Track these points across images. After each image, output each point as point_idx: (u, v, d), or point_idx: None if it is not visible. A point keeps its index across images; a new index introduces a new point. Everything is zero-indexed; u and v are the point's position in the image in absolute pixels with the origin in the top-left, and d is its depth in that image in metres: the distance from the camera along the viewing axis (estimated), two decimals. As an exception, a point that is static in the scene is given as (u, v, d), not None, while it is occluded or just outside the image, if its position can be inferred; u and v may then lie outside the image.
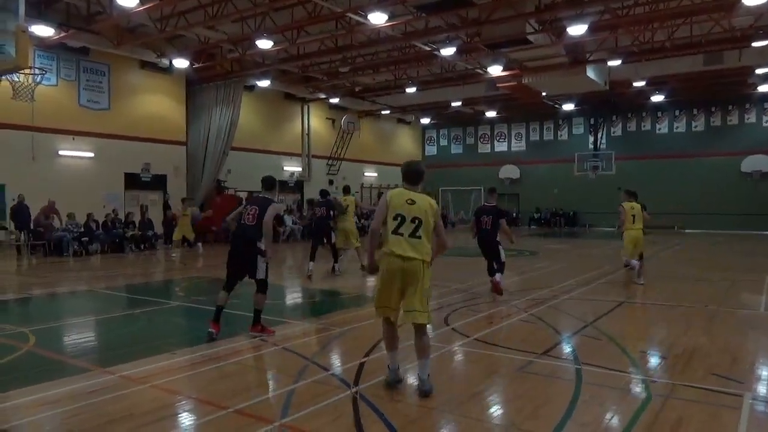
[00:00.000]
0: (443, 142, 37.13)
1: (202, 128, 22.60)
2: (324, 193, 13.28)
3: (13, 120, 16.93)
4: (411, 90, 25.31)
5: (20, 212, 16.12)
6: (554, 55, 19.92)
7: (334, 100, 27.41)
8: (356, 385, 4.62)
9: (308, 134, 28.16)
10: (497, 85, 23.24)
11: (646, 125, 30.77)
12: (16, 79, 15.65)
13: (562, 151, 32.33)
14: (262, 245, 6.09)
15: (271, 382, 5.02)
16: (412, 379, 4.79)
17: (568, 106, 28.89)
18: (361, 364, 5.19)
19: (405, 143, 35.89)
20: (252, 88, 23.77)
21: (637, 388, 4.66)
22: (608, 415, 4.06)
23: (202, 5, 15.90)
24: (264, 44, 17.46)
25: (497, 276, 8.99)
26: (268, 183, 6.62)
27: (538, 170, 33.01)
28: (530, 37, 17.23)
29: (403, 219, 4.43)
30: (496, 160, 34.39)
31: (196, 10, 16.28)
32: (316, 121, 28.79)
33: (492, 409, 4.30)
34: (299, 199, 27.32)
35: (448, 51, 18.37)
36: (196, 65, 20.54)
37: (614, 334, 6.45)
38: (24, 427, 3.83)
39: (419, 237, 4.43)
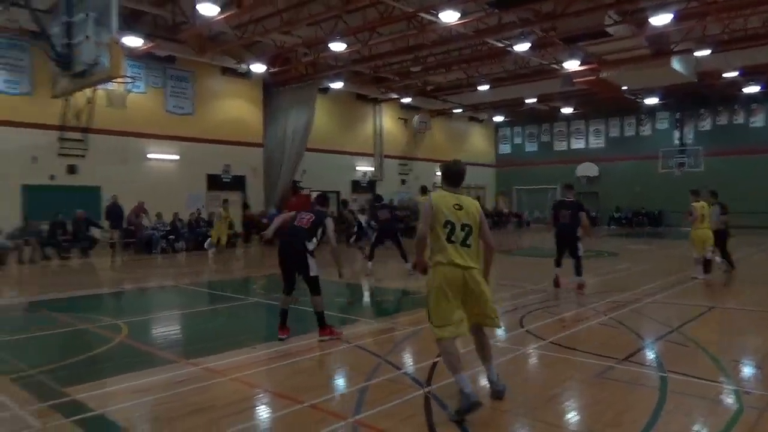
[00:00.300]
0: (517, 140, 36.34)
1: (278, 130, 23.31)
2: (378, 198, 13.66)
3: (108, 126, 18.17)
4: (483, 88, 24.94)
5: (114, 212, 17.34)
6: (635, 47, 19.01)
7: (406, 100, 27.47)
8: (429, 385, 4.61)
9: (380, 134, 28.39)
10: (574, 80, 22.47)
11: (738, 118, 28.74)
12: (110, 88, 16.79)
13: (644, 147, 30.82)
14: (311, 245, 6.22)
15: (344, 379, 5.11)
16: (483, 381, 4.72)
17: (651, 100, 27.49)
18: (434, 364, 5.17)
19: (477, 142, 35.44)
20: (326, 90, 24.26)
21: (729, 399, 4.36)
22: (696, 427, 3.84)
23: (277, 11, 16.39)
24: (337, 47, 17.78)
25: (579, 278, 9.28)
26: (322, 199, 6.84)
27: (618, 168, 31.61)
28: (609, 29, 16.53)
29: (453, 226, 4.16)
30: (573, 158, 33.24)
31: (272, 17, 16.82)
32: (388, 121, 28.98)
33: (569, 415, 4.17)
34: (372, 199, 27.57)
35: (521, 47, 17.96)
36: (273, 69, 21.21)
37: (703, 341, 6.07)
38: (118, 412, 4.09)
39: (470, 245, 4.19)
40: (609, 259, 14.92)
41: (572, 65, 20.31)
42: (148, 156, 19.67)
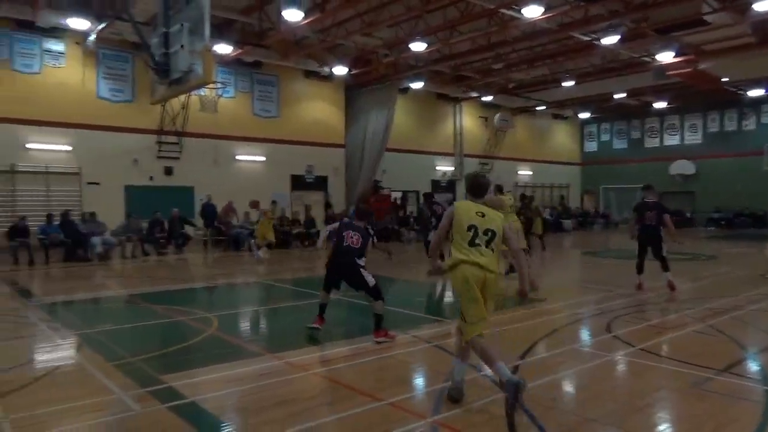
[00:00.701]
0: (605, 137, 34.77)
1: (359, 131, 23.69)
2: (431, 195, 14.07)
3: (200, 129, 19.22)
4: (569, 83, 24.07)
5: (207, 211, 18.36)
6: (737, 36, 17.66)
7: (487, 98, 27.05)
8: (509, 388, 4.51)
9: (461, 133, 28.12)
10: (667, 72, 21.19)
11: None
12: (203, 94, 17.71)
13: (747, 142, 28.56)
14: (362, 261, 6.36)
15: (423, 379, 5.11)
16: (568, 387, 4.57)
17: (756, 92, 25.42)
18: (516, 367, 5.06)
19: (562, 139, 34.27)
20: (406, 90, 24.35)
21: None
22: (807, 447, 3.52)
23: (358, 14, 16.65)
24: (417, 46, 17.80)
25: (669, 274, 9.18)
26: (363, 214, 7.03)
27: (717, 165, 29.47)
28: (707, 18, 15.47)
29: (477, 230, 4.29)
30: (666, 155, 31.35)
31: (353, 19, 17.10)
32: (469, 119, 28.66)
33: (661, 427, 3.95)
34: (452, 199, 27.42)
35: (610, 40, 17.17)
36: (354, 71, 21.57)
37: (815, 354, 5.55)
38: (208, 400, 4.32)
39: (492, 250, 4.30)
40: (706, 263, 13.97)
41: (666, 57, 19.17)
42: (237, 157, 20.61)
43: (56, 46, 17.27)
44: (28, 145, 16.84)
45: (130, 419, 3.93)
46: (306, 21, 15.66)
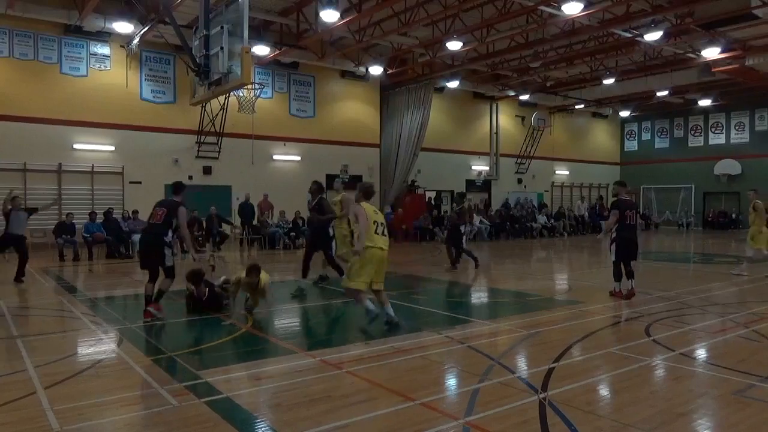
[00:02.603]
0: (646, 136, 33.87)
1: (394, 130, 23.70)
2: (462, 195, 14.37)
3: (238, 130, 19.57)
4: (609, 81, 23.57)
5: (245, 209, 18.68)
6: (789, 30, 16.99)
7: (524, 97, 26.71)
8: (544, 391, 4.45)
9: (497, 133, 27.84)
10: (713, 69, 20.57)
11: None
12: (241, 95, 18.01)
13: (797, 141, 27.44)
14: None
15: (456, 379, 5.08)
16: (604, 392, 4.47)
17: (808, 89, 24.41)
18: (550, 370, 4.99)
19: (601, 138, 33.56)
20: (441, 89, 24.26)
21: None
22: None
23: (395, 13, 16.67)
24: (454, 45, 17.71)
25: (632, 282, 8.69)
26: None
27: (765, 165, 28.37)
28: (757, 12, 14.91)
29: (377, 224, 6.56)
30: (711, 155, 30.35)
31: (389, 19, 17.14)
32: (505, 119, 28.34)
33: (701, 435, 3.83)
34: (487, 198, 27.19)
35: (653, 36, 16.74)
36: (390, 71, 21.59)
37: None
38: (244, 396, 4.39)
39: (386, 235, 6.68)
40: (750, 266, 13.46)
41: (712, 53, 18.58)
42: (273, 157, 20.91)
43: (102, 49, 17.85)
44: (74, 146, 17.48)
45: (167, 413, 4.03)
46: (342, 21, 15.76)
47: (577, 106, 29.77)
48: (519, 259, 16.32)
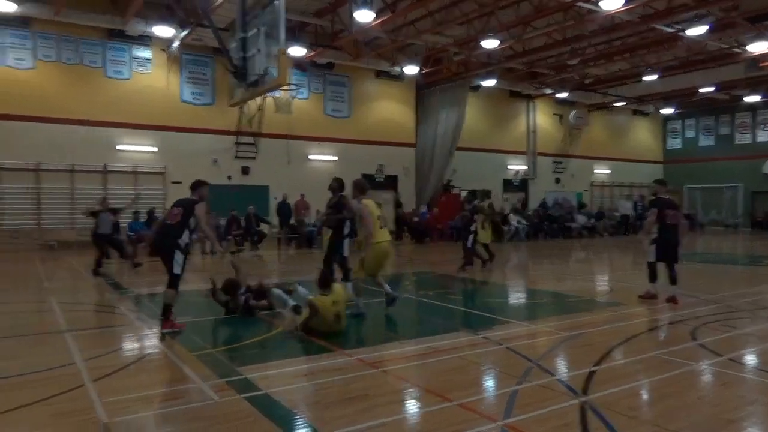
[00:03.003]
0: (689, 134, 32.86)
1: (429, 130, 23.63)
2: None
3: (275, 130, 19.83)
4: (650, 78, 22.97)
5: (282, 209, 18.93)
6: (844, 21, 16.24)
7: (562, 95, 26.27)
8: (585, 394, 4.36)
9: (533, 131, 27.47)
10: (761, 64, 19.80)
11: None
12: (278, 95, 18.26)
13: None
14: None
15: (494, 381, 5.02)
16: (648, 396, 4.35)
17: None
18: (591, 373, 4.89)
19: (642, 136, 32.71)
20: (477, 88, 24.07)
21: None
22: None
23: (429, 12, 16.61)
24: (489, 44, 17.54)
25: (675, 289, 8.26)
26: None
27: (818, 162, 27.22)
28: (809, 3, 14.32)
29: (381, 218, 7.46)
30: (759, 152, 29.22)
31: (424, 18, 17.09)
32: (542, 117, 27.93)
33: (752, 442, 3.69)
34: (524, 198, 26.85)
35: (696, 30, 16.25)
36: (425, 70, 21.53)
37: None
38: (282, 393, 4.44)
39: (386, 226, 7.54)
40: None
41: (759, 47, 17.91)
42: (309, 157, 21.11)
43: (144, 53, 18.35)
44: (118, 147, 18.01)
45: (209, 407, 4.11)
46: (377, 21, 15.80)
47: (616, 104, 29.11)
48: (557, 260, 16.07)
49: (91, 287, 10.52)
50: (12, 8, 14.89)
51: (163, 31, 16.69)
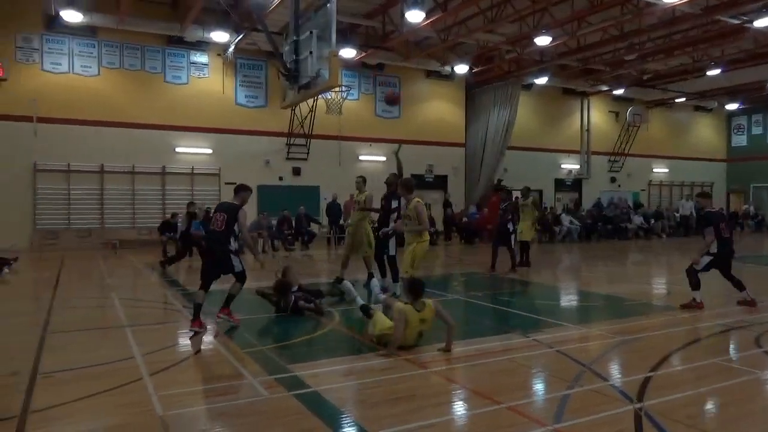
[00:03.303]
0: (757, 130, 31.15)
1: (480, 129, 23.39)
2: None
3: (326, 131, 20.08)
4: (713, 72, 21.95)
5: (332, 209, 19.15)
6: None
7: (618, 92, 25.45)
8: (640, 401, 4.22)
9: (588, 129, 26.74)
10: (837, 55, 18.62)
11: None
12: (328, 97, 18.46)
13: None
14: None
15: (544, 384, 4.92)
16: (708, 405, 4.16)
17: None
18: (647, 379, 4.72)
19: (704, 133, 31.29)
20: (529, 86, 23.65)
21: None
22: None
23: (481, 11, 16.44)
24: (542, 41, 17.20)
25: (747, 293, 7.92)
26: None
27: None
28: None
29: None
30: (835, 149, 27.48)
31: (475, 17, 16.92)
32: (597, 115, 27.16)
33: (823, 457, 3.47)
34: (577, 198, 26.18)
35: (764, 21, 15.41)
36: (476, 69, 21.32)
37: None
38: (330, 391, 4.50)
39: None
40: None
41: (835, 37, 16.84)
42: (360, 158, 21.27)
43: (201, 58, 18.96)
44: (176, 149, 18.68)
45: (259, 404, 4.20)
46: (428, 21, 15.76)
47: (677, 100, 27.97)
48: (612, 262, 15.58)
49: (150, 284, 10.95)
50: (79, 18, 15.68)
51: (219, 36, 17.19)
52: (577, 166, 26.74)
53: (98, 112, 17.46)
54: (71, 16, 15.53)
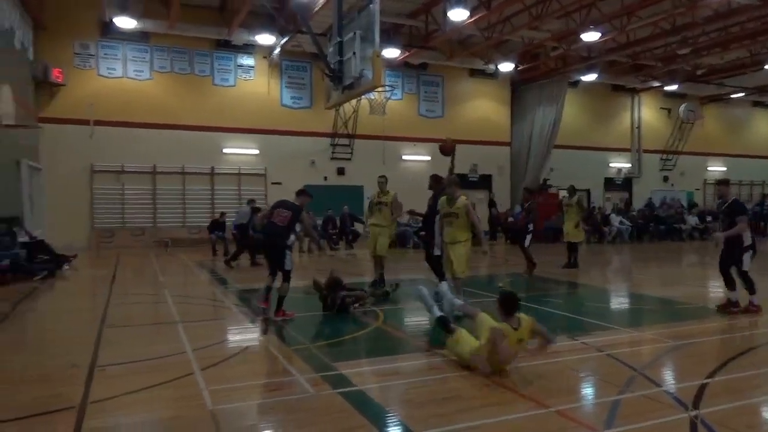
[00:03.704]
0: (821, 126, 29.60)
1: (525, 128, 23.04)
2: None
3: (370, 131, 20.17)
4: (773, 66, 20.96)
5: (375, 209, 19.18)
6: None
7: (671, 88, 24.61)
8: (696, 408, 4.06)
9: (638, 127, 25.97)
10: None
11: None
12: (372, 97, 18.55)
13: None
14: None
15: (594, 388, 4.80)
16: (764, 414, 3.97)
17: None
18: (703, 385, 4.54)
19: (763, 130, 29.89)
20: (576, 83, 23.14)
21: None
22: None
23: (526, 7, 16.18)
24: (590, 36, 16.80)
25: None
26: None
27: None
28: None
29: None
30: None
31: (520, 14, 16.67)
32: (648, 111, 26.32)
33: None
34: (628, 198, 25.45)
35: (830, 11, 14.61)
36: (521, 67, 21.00)
37: None
38: (375, 390, 4.51)
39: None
40: None
41: None
42: (403, 157, 21.28)
43: (247, 61, 19.37)
44: (224, 150, 19.13)
45: (306, 400, 4.25)
46: (471, 19, 15.63)
47: (734, 95, 26.84)
48: (665, 263, 15.08)
49: (200, 282, 11.25)
50: (132, 24, 16.26)
51: (265, 39, 17.51)
52: (628, 165, 26.00)
53: (150, 115, 18.06)
54: (125, 22, 16.13)
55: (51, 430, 3.74)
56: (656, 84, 24.52)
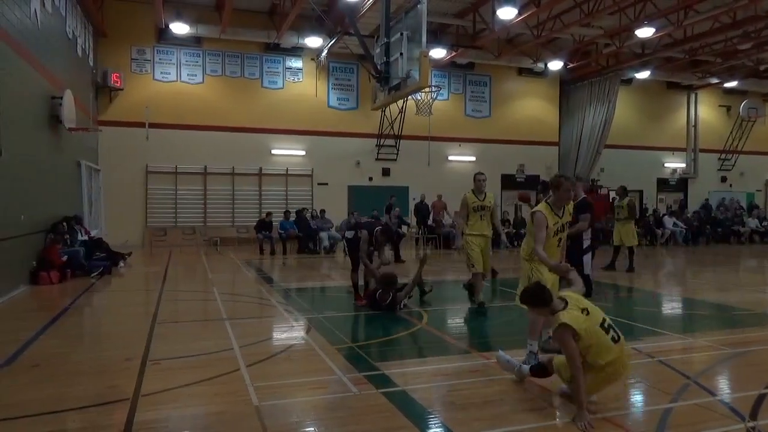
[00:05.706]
0: None
1: (575, 127, 22.53)
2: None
3: (415, 132, 20.16)
4: (844, 60, 19.77)
5: (421, 209, 19.19)
6: None
7: (731, 84, 23.56)
8: (753, 419, 3.87)
9: (695, 125, 24.96)
10: None
11: None
12: (418, 98, 18.51)
13: None
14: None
15: (644, 396, 4.64)
16: None
17: None
18: (761, 396, 4.33)
19: (832, 128, 28.18)
20: (629, 80, 22.46)
21: None
22: None
23: (577, 4, 15.82)
24: (644, 32, 16.27)
25: None
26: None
27: None
28: None
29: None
30: None
31: (571, 10, 16.31)
32: (706, 109, 25.28)
33: None
34: (682, 199, 24.52)
35: None
36: (571, 65, 20.55)
37: None
38: (418, 391, 4.50)
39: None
40: None
41: None
42: (449, 158, 21.17)
43: (295, 63, 19.68)
44: (272, 151, 19.50)
45: (349, 399, 4.29)
46: (520, 17, 15.40)
47: (800, 92, 25.45)
48: (722, 268, 14.45)
49: (247, 280, 11.50)
50: (186, 30, 16.80)
51: (313, 41, 17.76)
52: (683, 165, 25.05)
53: (202, 117, 18.60)
54: (179, 28, 16.69)
55: (107, 420, 3.90)
56: (715, 81, 23.53)
